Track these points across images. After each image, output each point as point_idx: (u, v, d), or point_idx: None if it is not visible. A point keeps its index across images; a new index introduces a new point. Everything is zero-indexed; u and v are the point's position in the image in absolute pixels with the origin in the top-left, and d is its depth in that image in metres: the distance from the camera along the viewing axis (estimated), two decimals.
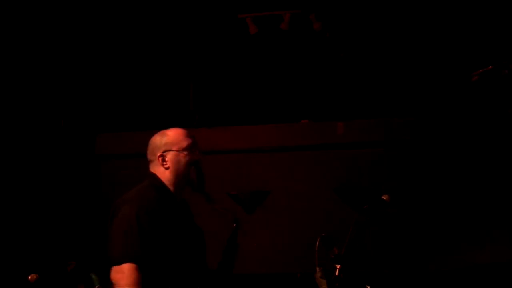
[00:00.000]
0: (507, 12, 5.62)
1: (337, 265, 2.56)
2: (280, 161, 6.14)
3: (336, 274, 2.50)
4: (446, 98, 5.89)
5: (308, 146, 6.08)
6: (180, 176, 3.34)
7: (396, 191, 5.44)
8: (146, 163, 6.69)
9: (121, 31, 6.45)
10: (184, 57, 6.61)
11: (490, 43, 5.63)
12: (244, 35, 6.51)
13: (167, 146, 3.36)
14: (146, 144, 6.41)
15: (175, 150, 3.35)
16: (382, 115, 6.09)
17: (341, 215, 5.56)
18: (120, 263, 3.13)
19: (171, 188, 3.35)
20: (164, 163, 3.36)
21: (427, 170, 5.94)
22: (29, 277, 4.59)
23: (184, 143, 3.36)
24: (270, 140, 6.18)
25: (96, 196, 6.37)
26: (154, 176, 3.38)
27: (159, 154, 3.36)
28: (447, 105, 5.89)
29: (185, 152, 3.35)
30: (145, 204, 3.24)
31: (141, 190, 3.38)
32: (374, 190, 5.68)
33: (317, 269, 2.47)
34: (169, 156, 3.35)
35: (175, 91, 6.62)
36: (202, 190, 3.45)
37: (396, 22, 6.15)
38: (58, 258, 5.80)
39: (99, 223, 6.30)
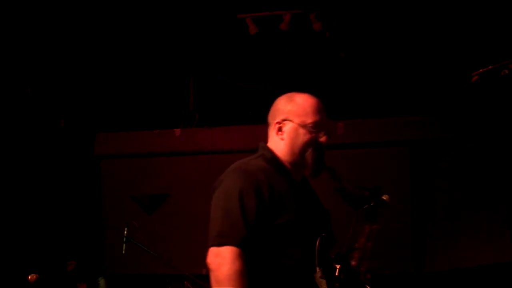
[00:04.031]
0: (507, 12, 5.62)
1: (337, 265, 2.54)
2: None
3: (336, 274, 2.49)
4: (447, 98, 5.89)
5: None
6: (296, 154, 2.69)
7: (396, 191, 5.45)
8: (146, 162, 6.68)
9: (121, 32, 6.45)
10: (184, 57, 6.61)
11: (490, 43, 5.63)
12: (244, 35, 6.51)
13: (289, 115, 2.71)
14: (146, 144, 6.49)
15: (296, 123, 2.69)
16: (382, 115, 6.09)
17: (341, 215, 5.55)
18: (218, 244, 2.58)
19: (286, 163, 2.72)
20: (280, 132, 2.72)
21: (427, 170, 5.95)
22: (29, 277, 4.60)
23: (310, 118, 2.70)
24: None
25: (96, 196, 6.37)
26: (265, 147, 2.77)
27: (277, 120, 2.72)
28: (448, 105, 5.89)
29: (307, 130, 2.69)
30: (252, 178, 2.61)
31: (249, 161, 2.74)
32: (374, 190, 5.67)
33: (317, 269, 2.46)
34: (287, 127, 2.71)
35: (175, 91, 6.62)
36: (315, 176, 2.75)
37: (396, 22, 6.15)
38: (58, 258, 5.80)
39: (98, 223, 6.34)
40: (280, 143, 2.73)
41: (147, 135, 6.40)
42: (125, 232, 5.04)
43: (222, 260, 2.54)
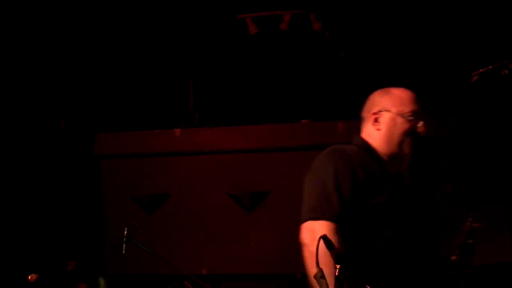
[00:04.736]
0: (507, 12, 5.62)
1: (337, 265, 2.53)
2: (280, 161, 6.14)
3: (336, 274, 2.48)
4: (447, 98, 5.89)
5: (308, 146, 6.08)
6: (393, 144, 2.70)
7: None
8: (146, 162, 6.66)
9: (121, 32, 6.45)
10: (184, 57, 6.60)
11: (490, 43, 5.63)
12: (244, 35, 6.51)
13: (386, 105, 2.77)
14: (146, 144, 6.49)
15: (393, 112, 2.73)
16: None
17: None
18: (312, 218, 2.57)
19: (381, 155, 2.73)
20: (376, 123, 2.76)
21: (427, 170, 5.93)
22: (29, 277, 4.59)
23: (408, 107, 2.74)
24: (270, 140, 6.18)
25: (96, 196, 6.37)
26: (359, 138, 2.83)
27: (373, 111, 2.79)
28: (448, 105, 5.89)
29: (405, 119, 2.72)
30: (348, 158, 2.65)
31: (344, 146, 2.79)
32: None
33: (317, 269, 2.45)
34: (384, 117, 2.74)
35: (175, 91, 6.63)
36: (412, 169, 2.76)
37: (396, 22, 6.15)
38: (58, 258, 5.80)
39: (98, 223, 6.33)
40: (376, 134, 2.75)
41: (147, 135, 6.39)
42: (125, 232, 5.04)
43: (317, 235, 2.43)
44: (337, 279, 2.48)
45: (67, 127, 6.43)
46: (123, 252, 5.00)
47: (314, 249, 2.39)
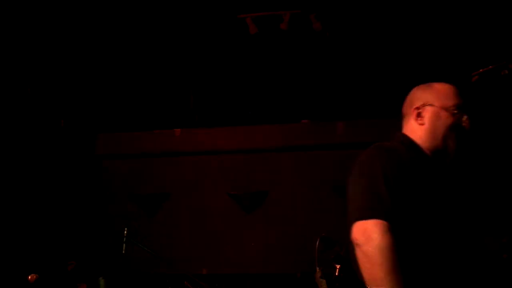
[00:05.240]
0: (507, 12, 5.62)
1: (337, 265, 2.53)
2: (280, 161, 6.15)
3: (336, 274, 2.48)
4: None
5: (308, 146, 6.08)
6: (438, 139, 2.63)
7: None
8: (146, 163, 6.66)
9: (121, 32, 6.45)
10: (184, 58, 6.61)
11: (490, 43, 5.63)
12: (244, 35, 6.51)
13: (429, 99, 2.67)
14: (146, 144, 6.49)
15: (437, 106, 2.65)
16: (382, 115, 6.09)
17: (341, 215, 5.54)
18: (364, 218, 2.44)
19: (425, 150, 2.65)
20: (419, 118, 2.67)
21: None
22: (29, 277, 4.59)
23: (451, 101, 2.66)
24: (270, 140, 6.19)
25: (96, 196, 6.37)
26: (402, 134, 2.72)
27: (415, 106, 2.69)
28: None
29: (449, 113, 2.64)
30: (393, 154, 2.56)
31: (386, 144, 2.68)
32: None
33: (317, 269, 2.45)
34: (427, 111, 2.66)
35: (175, 91, 6.63)
36: (457, 164, 2.69)
37: (397, 22, 6.15)
38: (58, 258, 5.80)
39: (98, 223, 6.34)
40: (419, 129, 2.67)
41: (147, 135, 6.40)
42: (125, 232, 5.04)
43: (371, 234, 2.38)
44: (337, 279, 2.48)
45: (67, 127, 6.43)
46: (123, 252, 5.00)
47: (369, 249, 2.35)
